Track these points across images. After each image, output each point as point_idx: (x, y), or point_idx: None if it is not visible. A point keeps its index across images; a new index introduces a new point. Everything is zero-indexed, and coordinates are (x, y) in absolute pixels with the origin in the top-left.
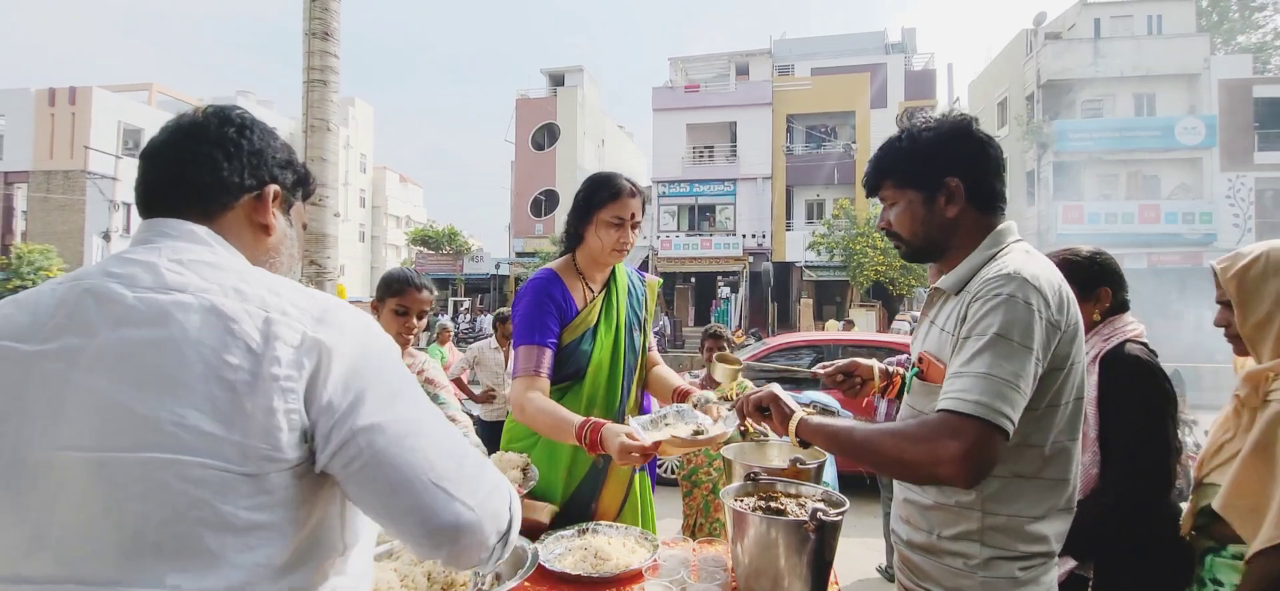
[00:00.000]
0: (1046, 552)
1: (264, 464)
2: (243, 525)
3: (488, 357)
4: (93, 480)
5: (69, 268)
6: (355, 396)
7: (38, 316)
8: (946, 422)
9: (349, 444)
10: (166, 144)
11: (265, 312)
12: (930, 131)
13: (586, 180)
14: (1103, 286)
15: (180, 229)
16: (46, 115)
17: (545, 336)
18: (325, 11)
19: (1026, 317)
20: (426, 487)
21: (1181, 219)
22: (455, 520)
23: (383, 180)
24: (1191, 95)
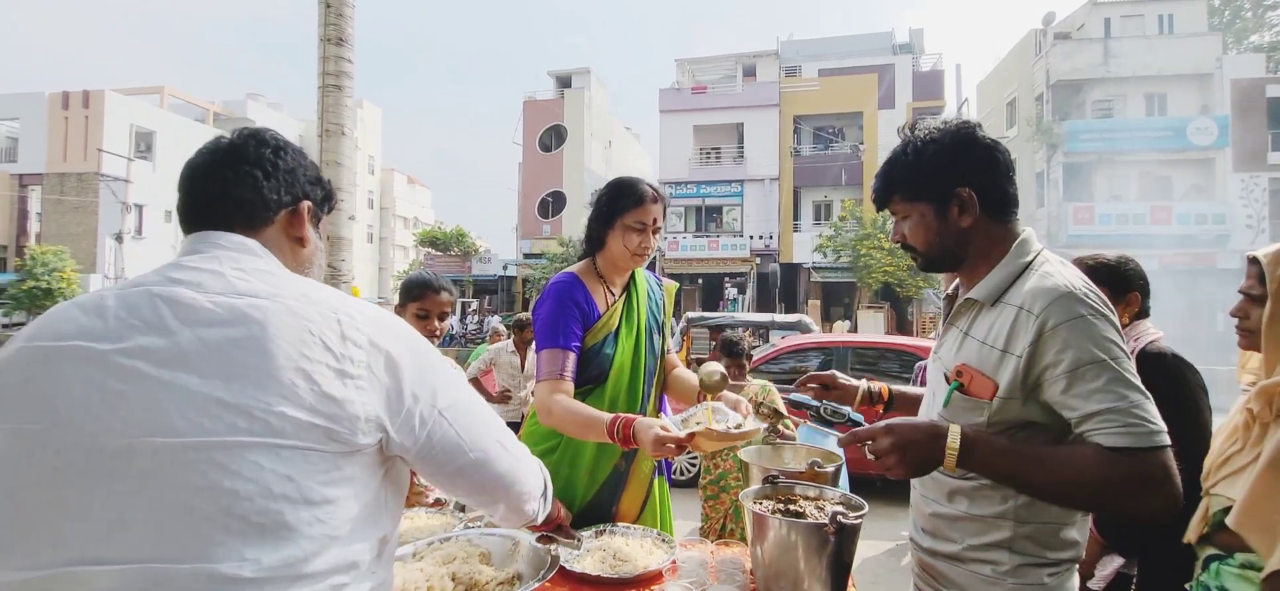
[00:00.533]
0: (1073, 557)
1: (341, 447)
2: (319, 499)
3: (504, 360)
4: (185, 464)
5: (82, 268)
6: (430, 390)
7: (106, 319)
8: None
9: (437, 425)
10: (208, 164)
11: (336, 316)
12: (935, 142)
13: (609, 184)
14: (1133, 291)
15: (232, 241)
16: (60, 118)
17: (569, 340)
18: (340, 18)
19: (1111, 329)
20: (491, 443)
21: (1194, 220)
22: (515, 468)
23: (391, 182)
24: (1203, 95)
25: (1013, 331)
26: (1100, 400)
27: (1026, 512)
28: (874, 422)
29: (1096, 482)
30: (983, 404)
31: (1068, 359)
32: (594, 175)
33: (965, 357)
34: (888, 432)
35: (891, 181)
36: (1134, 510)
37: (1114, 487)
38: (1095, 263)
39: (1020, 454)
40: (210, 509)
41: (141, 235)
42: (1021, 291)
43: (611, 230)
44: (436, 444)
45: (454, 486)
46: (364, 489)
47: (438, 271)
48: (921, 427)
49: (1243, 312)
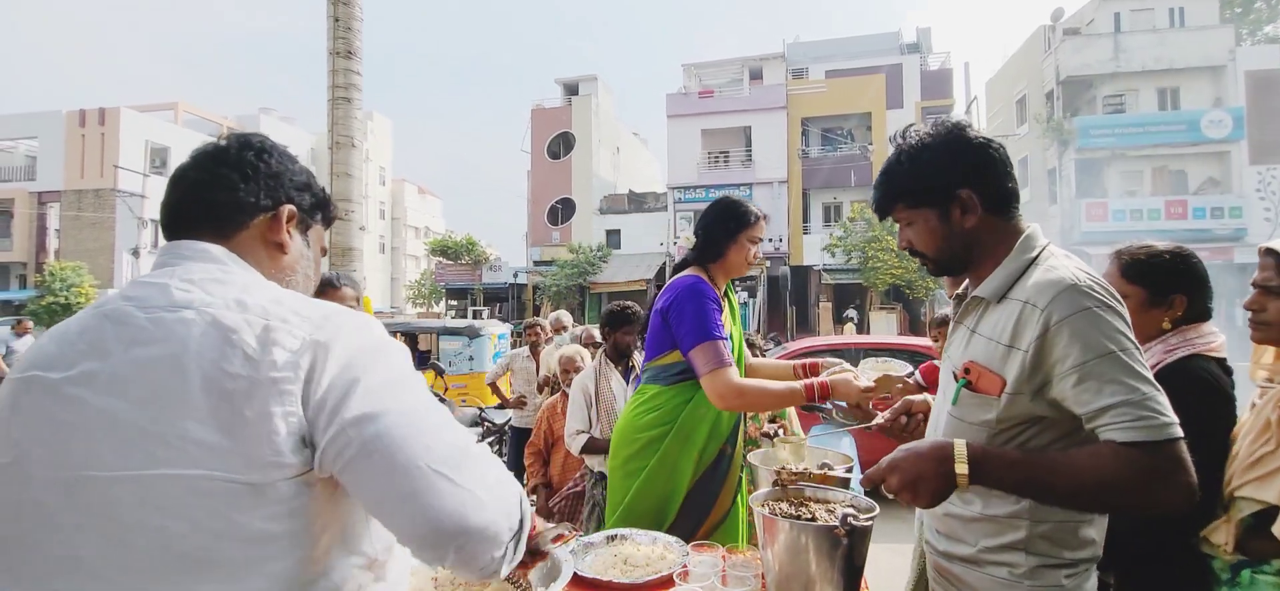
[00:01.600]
0: (1091, 557)
1: (268, 470)
2: (257, 535)
3: (520, 366)
4: (118, 498)
5: (100, 284)
6: (346, 387)
7: (64, 345)
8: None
9: (341, 434)
10: (190, 167)
11: (265, 320)
12: (929, 147)
13: (728, 204)
14: (1178, 294)
15: (194, 249)
16: (77, 136)
17: (720, 330)
18: (348, 32)
19: (1118, 320)
20: (425, 473)
21: (1210, 214)
22: (461, 509)
23: (401, 192)
24: (1217, 87)
25: (1018, 326)
26: (1111, 394)
27: (1041, 512)
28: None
29: (1111, 481)
30: (991, 400)
31: (1075, 354)
32: (603, 182)
33: (972, 355)
34: (893, 470)
35: (891, 190)
36: (1150, 505)
37: (1129, 484)
38: (1143, 256)
39: (1031, 462)
40: (147, 545)
41: (157, 249)
42: (1026, 286)
43: (735, 243)
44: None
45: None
46: (325, 517)
47: (448, 280)
48: (926, 457)
49: (1259, 305)
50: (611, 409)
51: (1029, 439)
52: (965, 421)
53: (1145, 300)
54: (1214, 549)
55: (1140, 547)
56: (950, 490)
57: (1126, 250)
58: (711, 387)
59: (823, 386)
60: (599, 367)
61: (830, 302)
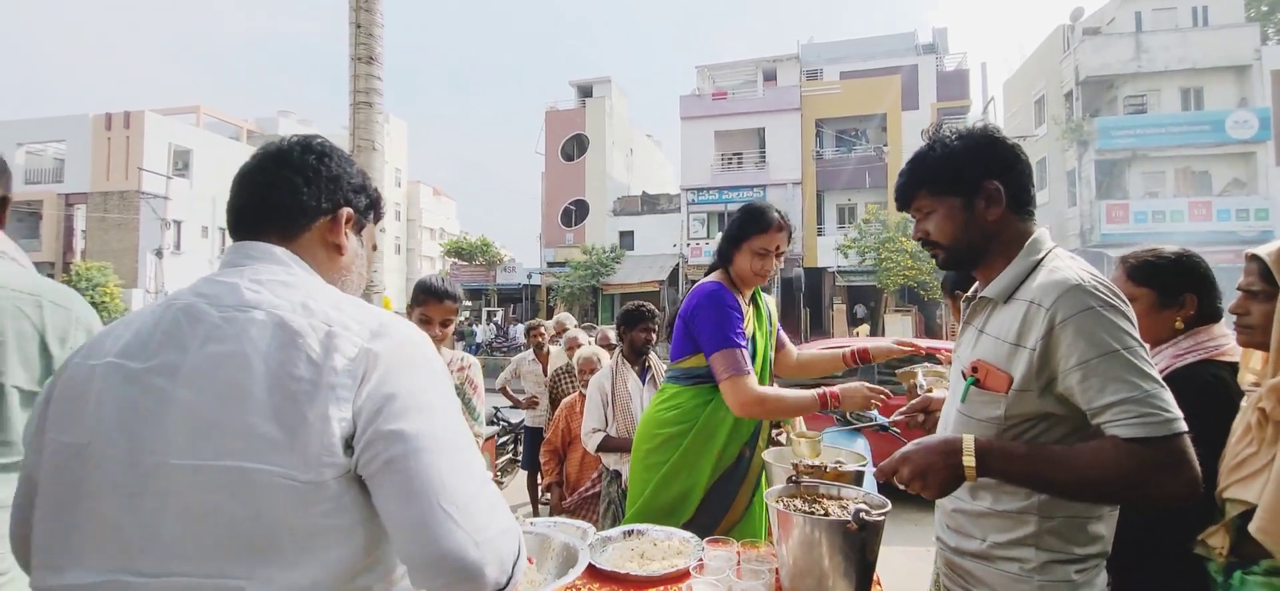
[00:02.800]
0: (1101, 553)
1: (323, 470)
2: (314, 529)
3: (527, 369)
4: (193, 485)
5: (124, 284)
6: (384, 399)
7: (141, 335)
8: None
9: (372, 444)
10: (255, 169)
11: (328, 326)
12: (963, 138)
13: (743, 208)
14: (1188, 293)
15: (261, 250)
16: (103, 139)
17: (741, 338)
18: (370, 38)
19: (1122, 319)
20: (434, 508)
21: (1235, 215)
22: (456, 550)
23: (417, 194)
24: (1242, 87)
25: (1024, 325)
26: (1115, 391)
27: (1050, 507)
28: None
29: (1114, 474)
30: (999, 397)
31: (1079, 351)
32: (616, 183)
33: (980, 353)
34: (904, 462)
35: (918, 177)
36: (1152, 497)
37: (1131, 477)
38: (1148, 259)
39: (1037, 454)
40: (219, 529)
41: (180, 250)
42: (1032, 287)
43: (738, 250)
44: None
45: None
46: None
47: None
48: (935, 449)
49: (1243, 309)
50: (627, 408)
51: (1038, 436)
52: (973, 419)
53: (1155, 302)
54: (1210, 551)
55: (1138, 551)
56: (958, 482)
57: (1132, 254)
58: (729, 394)
59: (833, 395)
60: (615, 367)
61: (844, 304)
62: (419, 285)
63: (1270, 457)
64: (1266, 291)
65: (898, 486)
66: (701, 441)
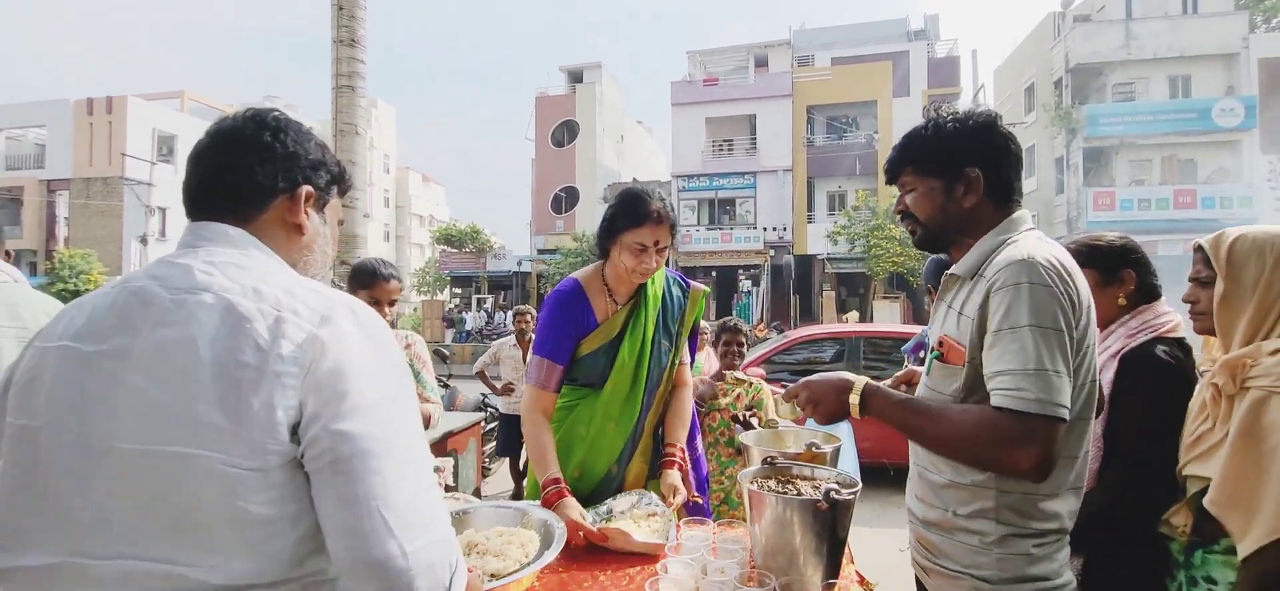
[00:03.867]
0: (1059, 530)
1: (268, 457)
2: (259, 518)
3: (507, 354)
4: (141, 469)
5: (109, 271)
6: (333, 395)
7: (94, 318)
8: (1014, 424)
9: (318, 440)
10: (208, 148)
11: (277, 312)
12: (956, 123)
13: (618, 197)
14: (1125, 269)
15: (216, 232)
16: (85, 124)
17: (557, 352)
18: (352, 20)
19: (1050, 301)
20: (371, 512)
21: (1219, 203)
22: (384, 558)
23: (406, 180)
24: (1229, 75)
25: (979, 300)
26: (1007, 360)
27: (1005, 482)
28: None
29: (969, 436)
30: (957, 370)
31: (997, 318)
32: (607, 170)
33: (946, 329)
34: (804, 386)
35: (907, 154)
36: (999, 465)
37: (981, 442)
38: (1089, 243)
39: (909, 406)
40: (169, 514)
41: (165, 237)
42: (993, 264)
43: (613, 244)
44: (312, 466)
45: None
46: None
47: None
48: (831, 383)
49: (1194, 297)
50: None
51: None
52: (936, 391)
53: (1099, 281)
54: (1173, 530)
55: (1104, 533)
56: (845, 415)
57: (1073, 241)
58: (523, 398)
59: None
60: None
61: (834, 291)
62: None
63: (1225, 433)
64: (1211, 277)
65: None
66: (563, 449)
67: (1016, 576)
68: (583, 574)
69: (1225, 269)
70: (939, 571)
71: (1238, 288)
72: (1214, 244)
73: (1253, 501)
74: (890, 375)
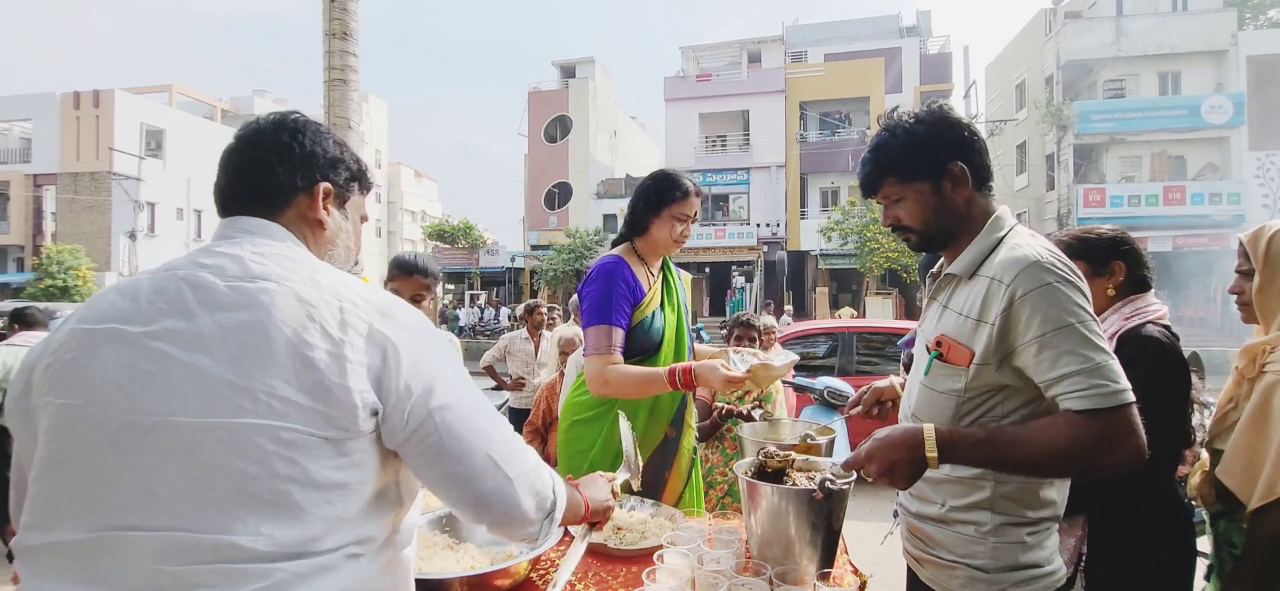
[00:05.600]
0: (1052, 517)
1: (342, 432)
2: (326, 483)
3: (518, 348)
4: (200, 442)
5: (97, 267)
6: (426, 383)
7: (139, 302)
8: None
9: (426, 423)
10: (234, 151)
11: (339, 302)
12: (921, 124)
13: (656, 176)
14: (1116, 260)
15: (258, 225)
16: (72, 118)
17: (618, 317)
18: (344, 12)
19: (1076, 294)
20: (483, 458)
21: (1208, 200)
22: (505, 490)
23: (397, 176)
24: (1219, 72)
25: (986, 301)
26: (1067, 364)
27: (1004, 474)
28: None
29: (1067, 449)
30: (960, 371)
31: (1036, 326)
32: (600, 165)
33: (944, 329)
34: (871, 459)
35: (884, 164)
36: (1102, 468)
37: (1083, 450)
38: (1081, 236)
39: (995, 439)
40: (225, 485)
41: (154, 233)
42: (994, 263)
43: (657, 218)
44: (422, 444)
45: (437, 491)
46: (375, 474)
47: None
48: (897, 442)
49: (1239, 290)
50: None
51: (993, 406)
52: (935, 391)
53: (1089, 272)
54: (1202, 501)
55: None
56: (922, 472)
57: (1067, 233)
58: (586, 372)
59: (686, 372)
60: None
61: (827, 287)
62: (394, 261)
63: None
64: (1253, 270)
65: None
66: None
67: (1010, 564)
68: (582, 568)
69: (1262, 262)
70: (934, 561)
71: (1274, 278)
72: (1253, 239)
73: (1256, 467)
74: (883, 370)
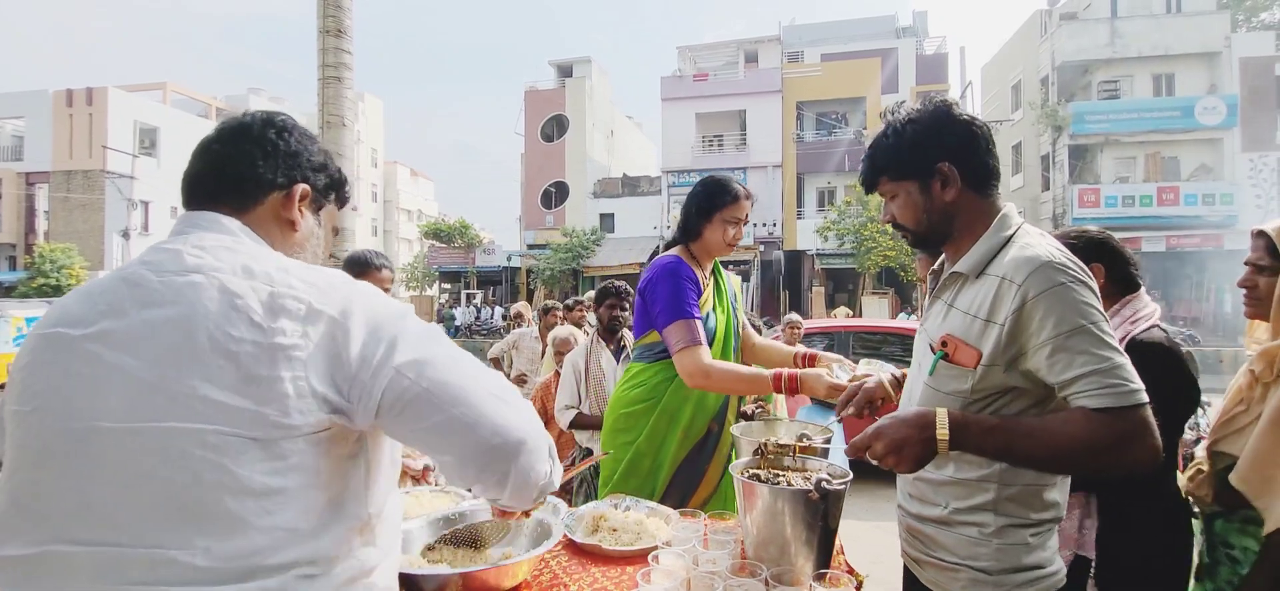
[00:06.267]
0: (1054, 518)
1: (273, 430)
2: (259, 489)
3: (526, 345)
4: (126, 449)
5: (90, 266)
6: (388, 342)
7: (86, 305)
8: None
9: (395, 381)
10: (215, 140)
11: (271, 288)
12: (915, 121)
13: (707, 183)
14: (1096, 261)
15: (208, 220)
16: (65, 116)
17: (695, 310)
18: (338, 9)
19: (1088, 294)
20: (486, 397)
21: (1202, 200)
22: (520, 422)
23: (394, 174)
24: (1212, 74)
25: (996, 301)
26: (1082, 364)
27: (1009, 475)
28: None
29: (1084, 444)
30: (967, 372)
31: (1049, 327)
32: (597, 165)
33: (950, 328)
34: (878, 437)
35: (877, 163)
36: (1119, 466)
37: (1100, 447)
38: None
39: (1008, 428)
40: (153, 494)
41: (148, 231)
42: (1003, 263)
43: (710, 222)
44: (400, 404)
45: (442, 454)
46: (317, 478)
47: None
48: (909, 422)
49: (1251, 283)
50: (600, 385)
51: (1001, 409)
52: (940, 392)
53: None
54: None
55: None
56: (931, 455)
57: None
58: (681, 364)
59: (791, 379)
60: (590, 345)
61: (823, 287)
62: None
63: (1257, 415)
64: (1274, 266)
65: (871, 461)
66: (666, 418)
67: (1014, 566)
68: (577, 568)
69: None
70: (935, 563)
71: None
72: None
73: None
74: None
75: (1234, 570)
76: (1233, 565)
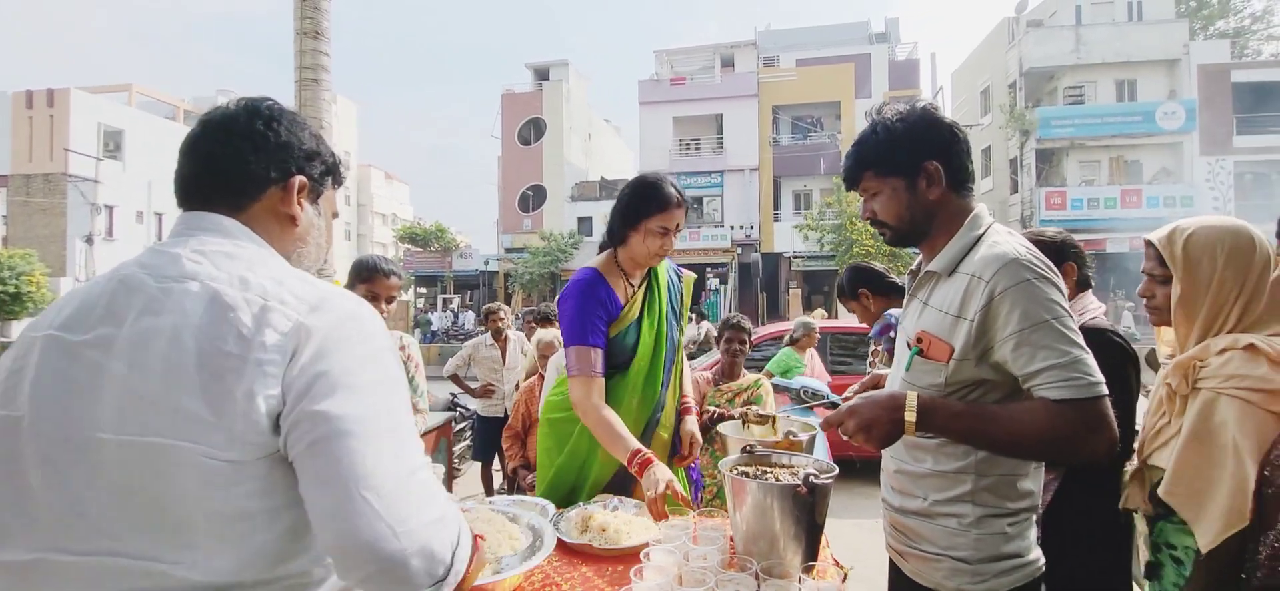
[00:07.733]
0: (1031, 508)
1: (247, 449)
2: (236, 513)
3: (483, 355)
4: (120, 461)
5: (52, 272)
6: (314, 377)
7: (84, 308)
8: (1080, 413)
9: (298, 424)
10: (200, 138)
11: (263, 300)
12: (904, 120)
13: (635, 185)
14: (1068, 262)
15: (210, 221)
16: (24, 118)
17: (595, 336)
18: (316, 11)
19: (1054, 291)
20: (352, 495)
21: (1163, 203)
22: (374, 540)
23: (367, 178)
24: (1172, 80)
25: (965, 297)
26: (1044, 358)
27: (986, 466)
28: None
29: (1045, 432)
30: (940, 366)
31: (1015, 321)
32: (574, 168)
33: (924, 325)
34: (851, 414)
35: (863, 159)
36: (1078, 454)
37: (1060, 435)
38: (1034, 237)
39: (974, 413)
40: (146, 507)
41: (113, 237)
42: (973, 261)
43: (635, 231)
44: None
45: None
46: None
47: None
48: (880, 403)
49: (1149, 293)
50: None
51: (974, 401)
52: (916, 386)
53: None
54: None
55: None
56: (898, 434)
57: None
58: (571, 391)
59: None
60: None
61: (800, 289)
62: (357, 263)
63: (1178, 428)
64: (1165, 275)
65: (842, 437)
66: (587, 437)
67: (992, 555)
68: (568, 569)
69: (1182, 268)
70: (918, 555)
71: (1194, 287)
72: (1167, 242)
73: (1205, 496)
74: (856, 370)
75: (1179, 572)
76: (1177, 566)
